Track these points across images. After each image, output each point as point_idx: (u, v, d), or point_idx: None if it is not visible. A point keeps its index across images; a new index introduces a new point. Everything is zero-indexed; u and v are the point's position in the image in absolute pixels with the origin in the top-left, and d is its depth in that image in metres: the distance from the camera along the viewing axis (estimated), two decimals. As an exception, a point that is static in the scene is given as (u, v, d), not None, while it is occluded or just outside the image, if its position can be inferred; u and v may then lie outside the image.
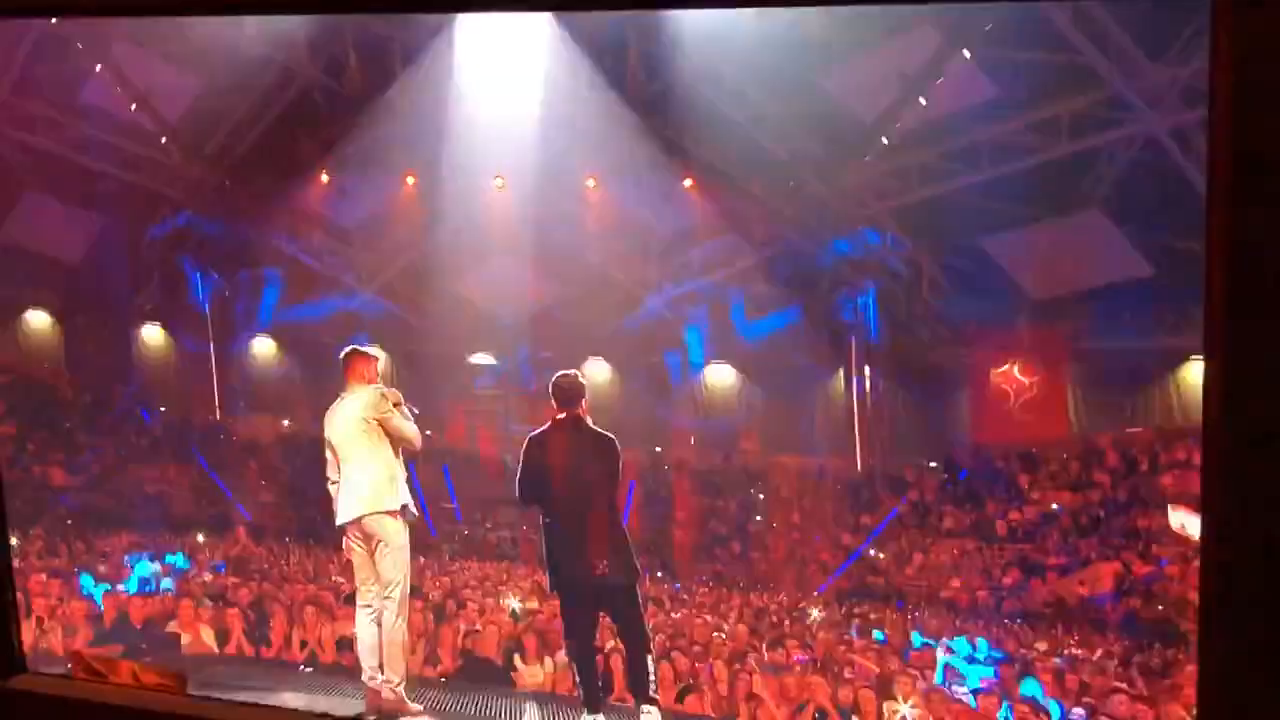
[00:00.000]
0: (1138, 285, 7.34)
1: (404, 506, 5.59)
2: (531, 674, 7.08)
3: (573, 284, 10.32)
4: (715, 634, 7.45)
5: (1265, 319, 1.93)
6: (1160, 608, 6.63)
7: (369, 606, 5.63)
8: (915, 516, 8.69)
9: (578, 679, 5.54)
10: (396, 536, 5.54)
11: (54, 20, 8.07)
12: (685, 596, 8.86)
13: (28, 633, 7.44)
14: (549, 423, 5.62)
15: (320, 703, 6.22)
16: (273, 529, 10.57)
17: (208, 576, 8.99)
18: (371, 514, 5.51)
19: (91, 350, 11.73)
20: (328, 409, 5.63)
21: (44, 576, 8.30)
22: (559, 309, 10.59)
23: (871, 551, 8.70)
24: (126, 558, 9.13)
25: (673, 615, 8.06)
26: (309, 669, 7.20)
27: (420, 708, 5.75)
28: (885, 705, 6.60)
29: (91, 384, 11.47)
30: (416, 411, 5.61)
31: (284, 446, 11.12)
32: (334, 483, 5.82)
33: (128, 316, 11.39)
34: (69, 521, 9.99)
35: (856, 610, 8.13)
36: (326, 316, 11.29)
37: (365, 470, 5.56)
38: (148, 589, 8.26)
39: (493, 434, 10.59)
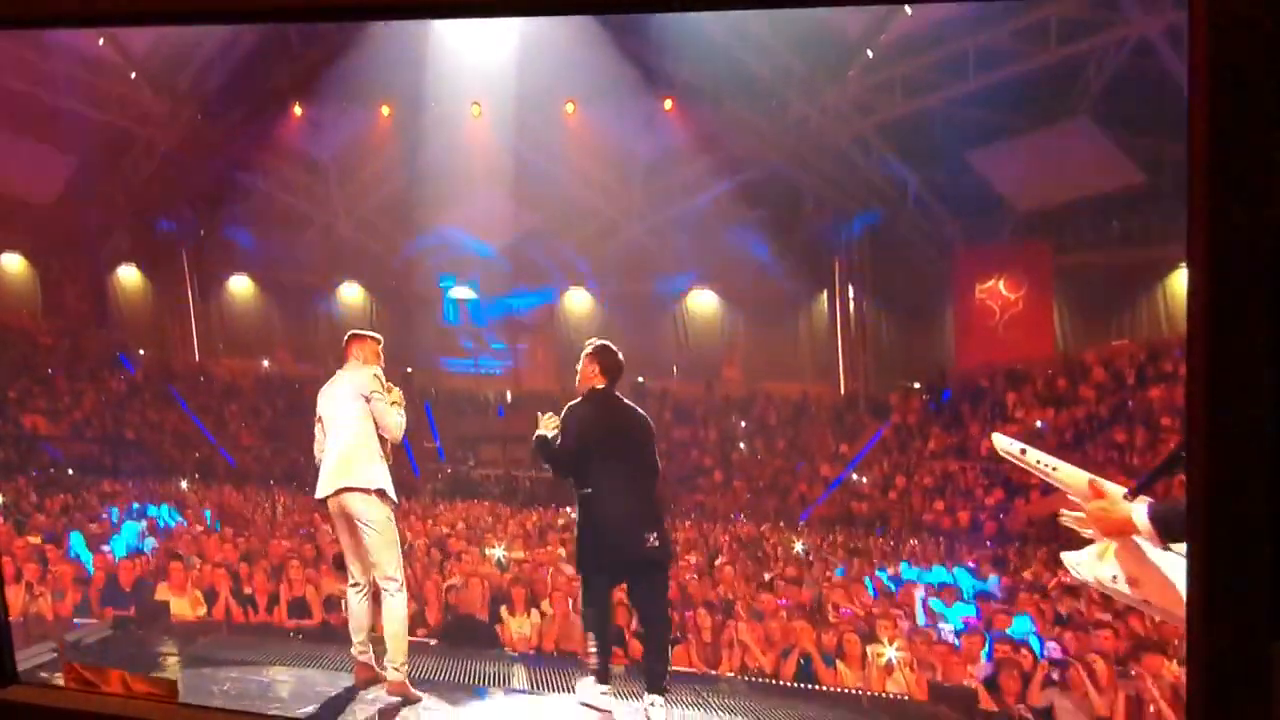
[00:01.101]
0: (1126, 194, 7.24)
1: (381, 491, 5.64)
2: (518, 626, 7.14)
3: (553, 212, 10.29)
4: (691, 576, 7.55)
5: (1246, 319, 1.94)
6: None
7: (358, 585, 5.71)
8: (898, 440, 8.66)
9: (593, 649, 5.56)
10: (377, 516, 5.57)
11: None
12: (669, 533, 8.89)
13: (17, 600, 7.59)
14: (588, 391, 5.63)
15: (311, 677, 6.32)
16: (256, 473, 10.67)
17: (198, 528, 9.08)
18: (347, 489, 5.57)
19: (69, 295, 11.81)
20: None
21: (30, 539, 8.39)
22: (539, 238, 10.56)
23: (855, 476, 8.74)
24: (112, 510, 9.22)
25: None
26: (299, 636, 7.31)
27: (422, 696, 5.83)
28: (870, 649, 6.69)
29: (70, 329, 11.55)
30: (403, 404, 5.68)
31: (264, 388, 11.20)
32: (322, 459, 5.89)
33: (103, 259, 11.45)
34: (52, 470, 10.12)
35: (839, 538, 8.19)
36: (303, 253, 11.32)
37: (347, 445, 5.61)
38: (136, 550, 8.34)
39: (474, 369, 10.62)
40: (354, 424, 5.61)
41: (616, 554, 5.40)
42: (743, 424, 9.38)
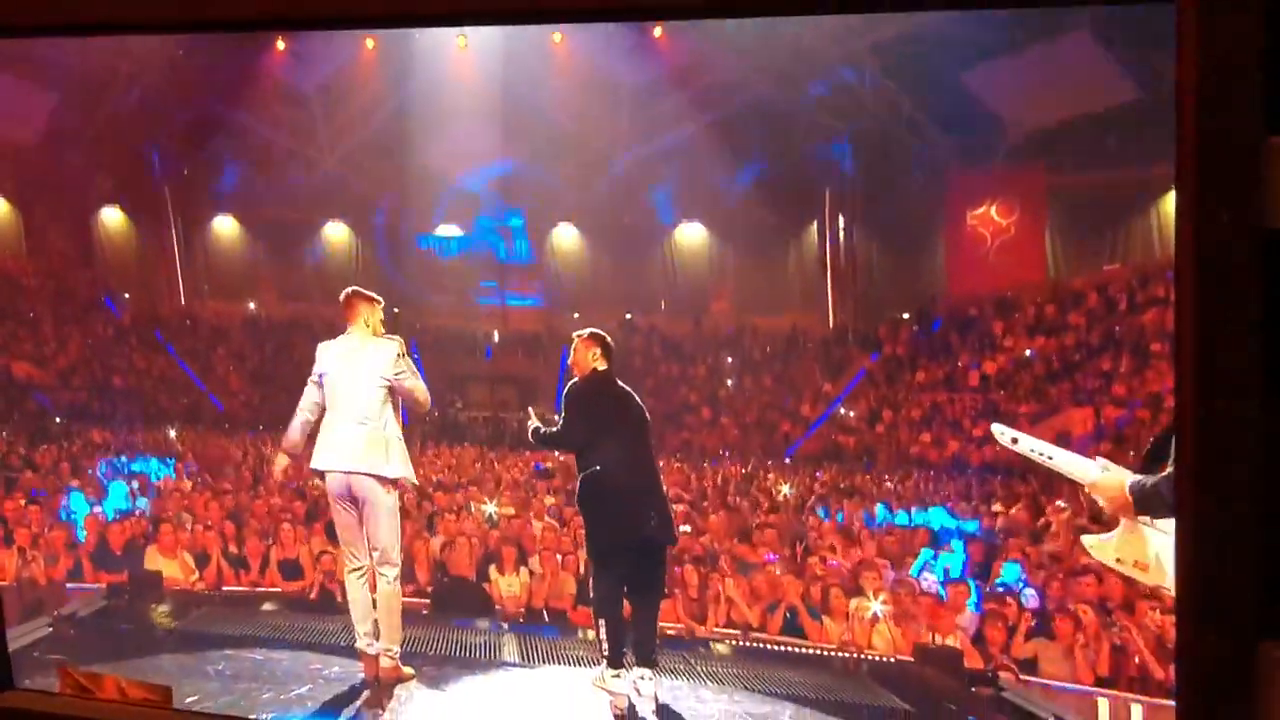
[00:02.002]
0: (1123, 113, 7.09)
1: (397, 480, 5.66)
2: (508, 585, 7.20)
3: (540, 144, 10.20)
4: (683, 528, 7.55)
5: (1234, 322, 2.08)
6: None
7: (359, 569, 5.73)
8: (886, 372, 8.57)
9: (603, 635, 5.75)
10: (387, 499, 5.59)
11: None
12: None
13: (9, 564, 7.71)
14: (590, 373, 5.78)
15: (305, 655, 6.40)
16: (245, 418, 10.74)
17: (187, 484, 9.16)
18: (361, 474, 5.57)
19: (52, 236, 11.86)
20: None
21: (22, 501, 8.50)
22: (526, 173, 10.50)
23: (842, 410, 8.69)
24: (101, 465, 9.31)
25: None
26: (292, 607, 7.40)
27: (413, 671, 5.88)
28: (855, 601, 6.69)
29: (55, 271, 11.61)
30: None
31: (251, 331, 11.25)
32: (306, 420, 5.85)
33: (87, 199, 11.49)
34: (40, 420, 10.23)
35: (826, 475, 8.20)
36: (288, 190, 11.31)
37: (362, 427, 5.62)
38: (126, 511, 8.43)
39: (462, 308, 10.60)
40: (372, 407, 5.62)
41: (625, 534, 5.54)
42: (729, 359, 9.36)
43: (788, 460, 8.56)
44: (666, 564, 6.03)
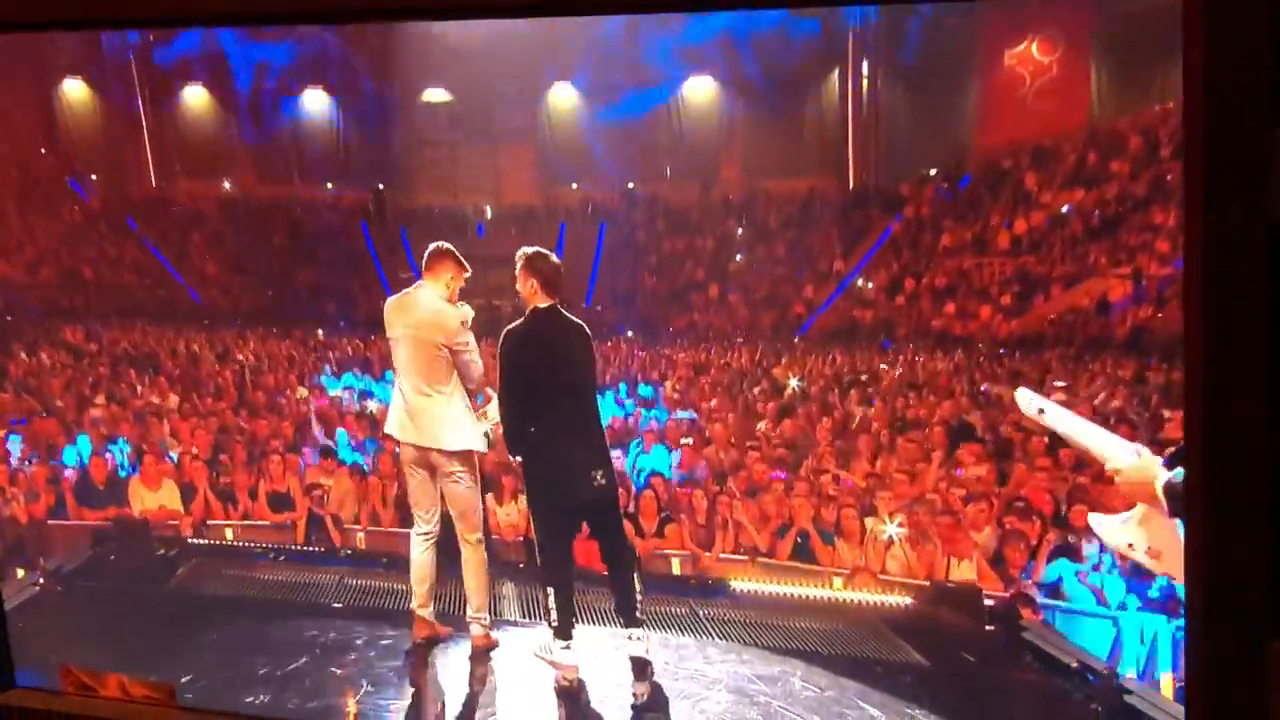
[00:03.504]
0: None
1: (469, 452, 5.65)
2: (506, 514, 7.19)
3: (532, -4, 9.82)
4: (685, 440, 7.57)
5: (1245, 317, 2.18)
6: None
7: (425, 534, 5.80)
8: (909, 236, 8.34)
9: (553, 604, 5.51)
10: (464, 467, 5.64)
11: None
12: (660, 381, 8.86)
13: None
14: (529, 311, 5.51)
15: (298, 624, 6.42)
16: (224, 311, 10.76)
17: (170, 401, 9.16)
18: (438, 450, 5.64)
19: (11, 113, 11.85)
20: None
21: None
22: (520, 29, 10.19)
23: (860, 282, 8.52)
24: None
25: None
26: (281, 558, 7.45)
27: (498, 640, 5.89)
28: (869, 523, 6.64)
29: (16, 153, 11.63)
30: None
31: (227, 213, 11.21)
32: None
33: (47, 71, 11.43)
34: (9, 318, 10.31)
35: (839, 359, 8.06)
36: (263, 57, 11.14)
37: (426, 398, 5.66)
38: (106, 444, 8.44)
39: (453, 185, 10.47)
40: (435, 375, 5.62)
41: (568, 496, 5.41)
42: (740, 230, 9.18)
43: (798, 339, 8.41)
44: (619, 510, 5.87)
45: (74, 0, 3.44)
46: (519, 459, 5.61)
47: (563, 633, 5.53)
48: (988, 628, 6.07)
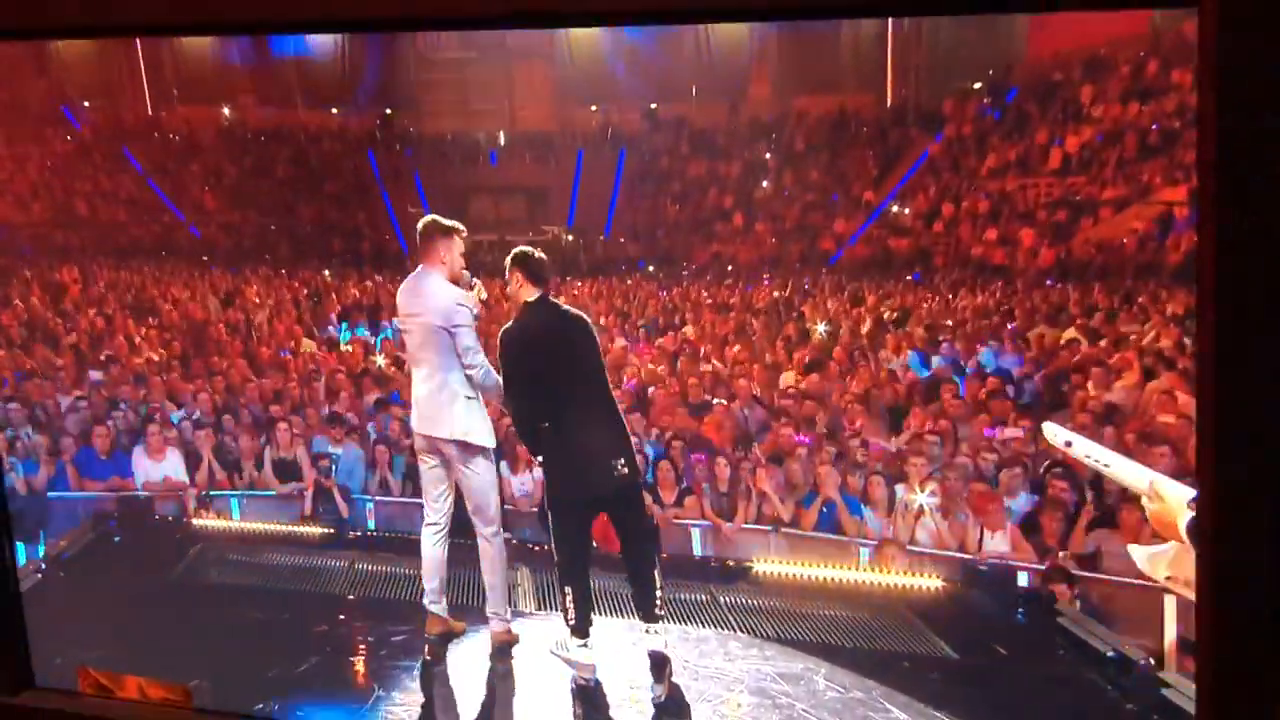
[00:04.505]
0: None
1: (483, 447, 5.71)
2: (521, 484, 7.15)
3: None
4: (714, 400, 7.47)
5: (1258, 332, 2.20)
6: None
7: (435, 525, 5.84)
8: (950, 157, 8.11)
9: (570, 603, 5.55)
10: (478, 457, 5.72)
11: None
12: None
13: None
14: (520, 309, 5.50)
15: (307, 618, 6.41)
16: (224, 248, 10.72)
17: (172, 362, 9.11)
18: (450, 440, 5.70)
19: (-2, 37, 11.80)
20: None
21: None
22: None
23: (894, 208, 8.32)
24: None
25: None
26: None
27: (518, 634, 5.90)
28: (900, 492, 6.62)
29: (4, 78, 11.61)
30: None
31: (227, 142, 11.15)
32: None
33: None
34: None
35: (867, 293, 7.89)
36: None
37: (434, 392, 5.67)
38: (109, 408, 8.42)
39: (463, 105, 10.35)
40: (439, 362, 5.63)
41: (588, 490, 5.44)
42: (768, 154, 8.99)
43: (827, 272, 8.25)
44: (643, 501, 5.84)
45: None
46: (540, 459, 5.66)
47: (580, 631, 5.54)
48: (1019, 615, 6.10)
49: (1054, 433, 3.78)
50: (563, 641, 5.57)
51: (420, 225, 5.70)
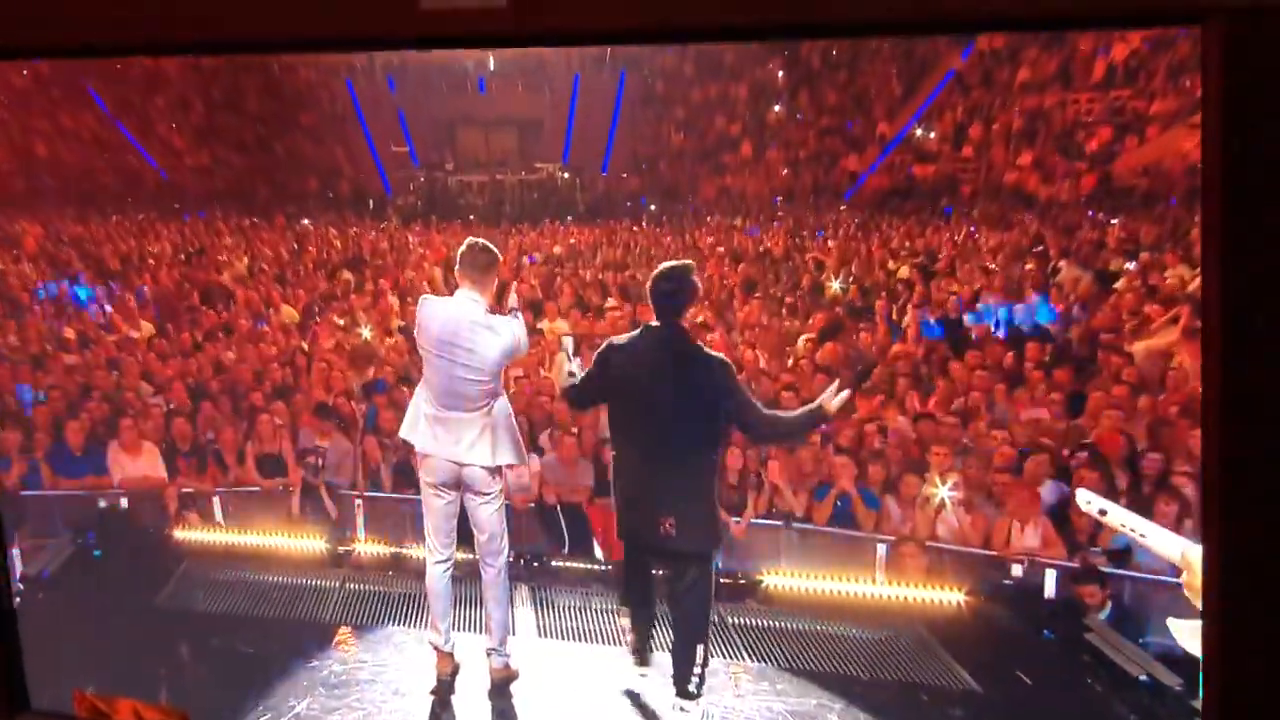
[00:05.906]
0: None
1: (499, 469, 5.70)
2: (516, 477, 6.96)
3: None
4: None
5: (1263, 330, 2.35)
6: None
7: (443, 561, 5.83)
8: (981, 72, 7.79)
9: (630, 628, 5.74)
10: (494, 483, 5.71)
11: None
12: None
13: None
14: (639, 329, 5.44)
15: (302, 645, 6.34)
16: (194, 191, 10.59)
17: (145, 329, 8.98)
18: (474, 466, 5.66)
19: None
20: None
21: None
22: None
23: (918, 132, 8.04)
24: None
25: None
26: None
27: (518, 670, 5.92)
28: (920, 483, 6.60)
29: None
30: None
31: (193, 74, 11.00)
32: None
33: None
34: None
35: (889, 227, 7.64)
36: None
37: (472, 415, 5.64)
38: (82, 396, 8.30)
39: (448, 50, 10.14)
40: (488, 390, 5.61)
41: (638, 536, 5.48)
42: (780, 73, 8.75)
43: (845, 209, 8.01)
44: (709, 578, 5.59)
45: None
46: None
47: (639, 659, 5.71)
48: (1046, 633, 6.09)
49: (1088, 499, 3.99)
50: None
51: (469, 250, 5.53)
